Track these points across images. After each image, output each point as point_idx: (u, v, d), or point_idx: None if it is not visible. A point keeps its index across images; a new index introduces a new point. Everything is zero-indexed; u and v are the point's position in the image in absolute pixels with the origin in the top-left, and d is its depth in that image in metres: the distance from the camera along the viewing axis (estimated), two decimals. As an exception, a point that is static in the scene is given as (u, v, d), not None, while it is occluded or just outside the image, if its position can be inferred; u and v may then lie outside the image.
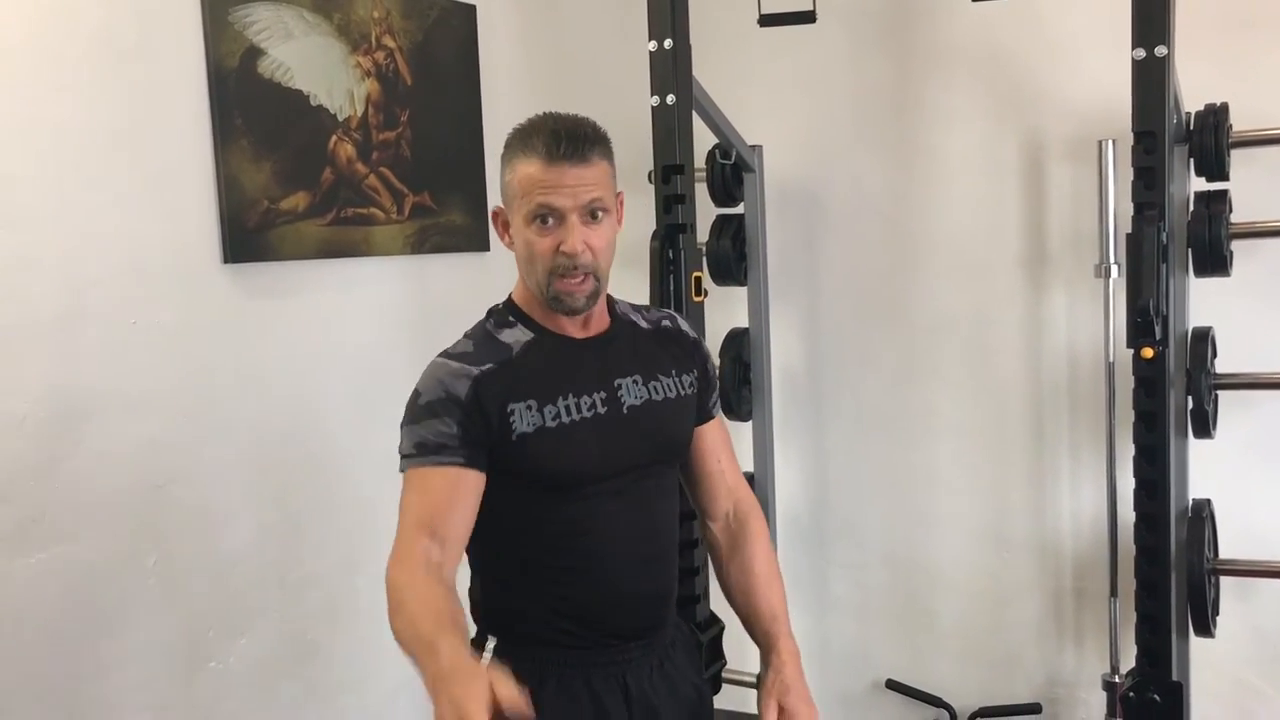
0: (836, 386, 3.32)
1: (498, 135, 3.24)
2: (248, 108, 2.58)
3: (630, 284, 3.03)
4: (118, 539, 2.34)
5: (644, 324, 1.79)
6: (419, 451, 1.57)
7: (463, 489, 1.56)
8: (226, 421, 2.58)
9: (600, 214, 1.60)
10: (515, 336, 1.66)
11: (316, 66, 2.76)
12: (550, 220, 1.58)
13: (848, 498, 3.35)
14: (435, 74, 3.12)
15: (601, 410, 1.64)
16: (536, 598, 1.64)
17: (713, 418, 1.84)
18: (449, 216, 3.16)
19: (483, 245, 3.28)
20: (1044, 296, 3.05)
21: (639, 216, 2.86)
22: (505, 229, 1.67)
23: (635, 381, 1.69)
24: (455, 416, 1.57)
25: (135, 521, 2.38)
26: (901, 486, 3.28)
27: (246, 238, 2.59)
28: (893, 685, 3.24)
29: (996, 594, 3.19)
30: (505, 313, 1.71)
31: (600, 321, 1.72)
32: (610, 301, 1.77)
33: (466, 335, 1.70)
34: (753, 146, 3.06)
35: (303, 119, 2.72)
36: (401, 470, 1.60)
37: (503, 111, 3.34)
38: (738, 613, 1.82)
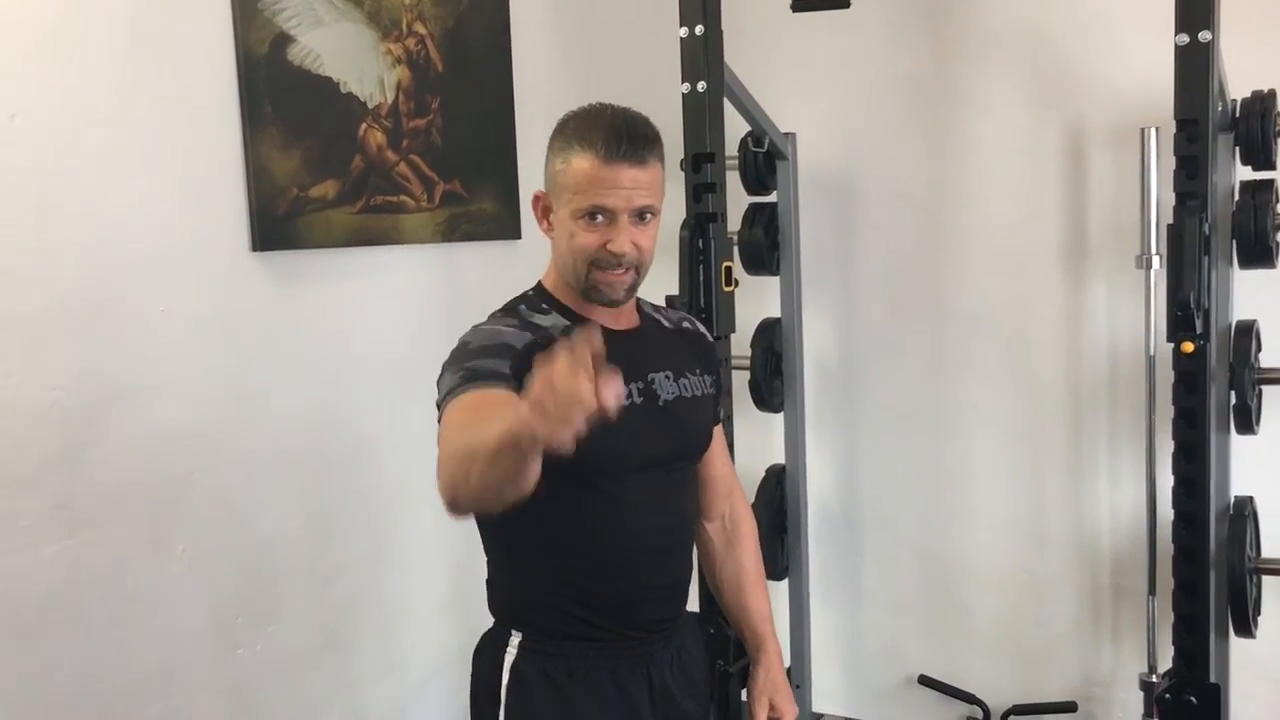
0: (870, 378, 3.28)
1: (529, 122, 3.28)
2: (277, 95, 2.57)
3: (660, 273, 3.01)
4: (146, 526, 2.35)
5: (667, 323, 1.80)
6: (467, 379, 1.48)
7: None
8: (255, 410, 2.57)
9: (649, 217, 1.60)
10: (552, 321, 1.63)
11: (347, 53, 2.75)
12: (600, 218, 1.57)
13: (881, 490, 3.30)
14: (467, 61, 3.10)
15: (638, 401, 1.62)
16: (561, 590, 1.62)
17: (719, 421, 1.87)
18: (480, 204, 3.14)
19: (514, 233, 3.26)
20: (1084, 288, 2.99)
21: (670, 205, 2.83)
22: (545, 215, 1.65)
23: (667, 377, 1.69)
24: (509, 360, 1.51)
25: (163, 509, 2.38)
26: (936, 479, 3.23)
27: (275, 226, 2.58)
28: (925, 681, 3.20)
29: (1032, 590, 3.14)
30: (538, 299, 1.68)
31: (630, 317, 1.72)
32: (637, 299, 1.76)
33: (501, 314, 1.66)
34: (786, 134, 3.02)
35: (332, 106, 2.71)
36: (442, 405, 1.49)
37: (534, 98, 3.32)
38: (727, 608, 1.90)
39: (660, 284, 2.73)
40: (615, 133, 1.56)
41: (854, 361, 3.29)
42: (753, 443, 3.19)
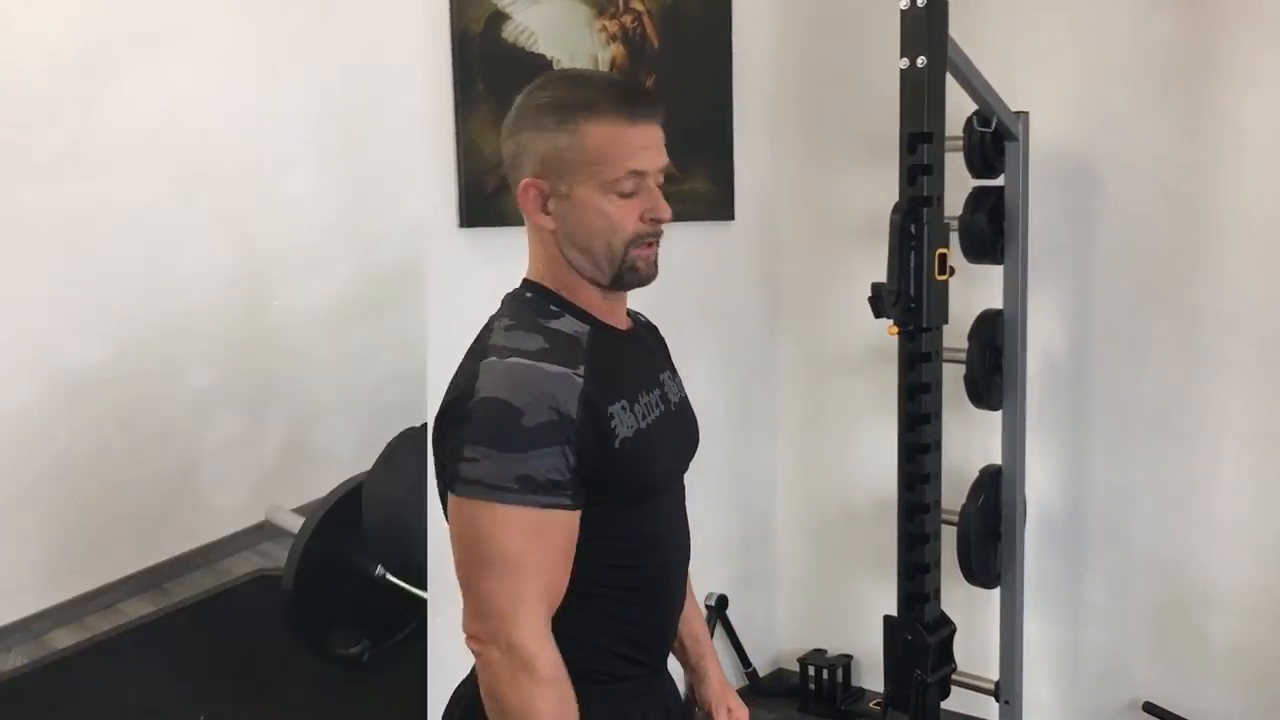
0: (1104, 377, 3.02)
1: (747, 100, 3.21)
2: (490, 73, 2.62)
3: (869, 258, 2.87)
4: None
5: (640, 319, 1.63)
6: (523, 488, 1.28)
7: (573, 540, 1.33)
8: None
9: (662, 181, 1.45)
10: (573, 328, 1.42)
11: (561, 31, 2.76)
12: (631, 186, 1.39)
13: (1110, 499, 3.05)
14: (684, 37, 3.05)
15: (661, 408, 1.48)
16: (601, 627, 1.43)
17: None
18: (692, 184, 3.09)
19: (726, 214, 3.20)
20: (1360, 286, 2.66)
21: (883, 187, 2.69)
22: (543, 203, 1.42)
23: (670, 377, 1.57)
24: (571, 443, 1.31)
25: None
26: (1175, 491, 2.95)
27: (483, 202, 2.63)
28: (1151, 709, 2.94)
29: (1282, 618, 2.83)
30: (544, 302, 1.45)
31: (625, 316, 1.53)
32: None
33: (518, 328, 1.41)
34: (1017, 113, 2.81)
35: (545, 85, 2.73)
36: (485, 498, 1.29)
37: (754, 75, 3.24)
38: None
39: (869, 270, 2.62)
40: (622, 89, 1.41)
41: (1085, 358, 3.04)
42: (967, 441, 3.01)
